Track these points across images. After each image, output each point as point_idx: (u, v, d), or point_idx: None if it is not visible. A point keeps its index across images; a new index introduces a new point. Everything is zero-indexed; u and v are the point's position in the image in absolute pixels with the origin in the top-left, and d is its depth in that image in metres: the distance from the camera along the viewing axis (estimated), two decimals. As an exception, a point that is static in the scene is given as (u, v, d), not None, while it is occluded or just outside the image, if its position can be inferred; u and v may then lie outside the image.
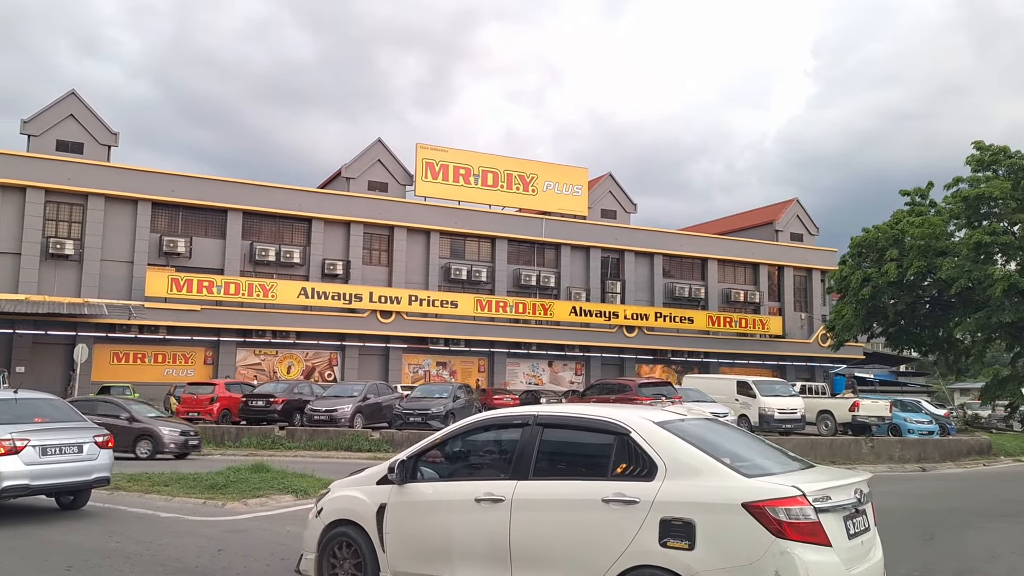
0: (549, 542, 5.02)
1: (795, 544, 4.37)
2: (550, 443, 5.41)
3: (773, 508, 4.42)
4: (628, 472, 4.94)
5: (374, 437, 20.73)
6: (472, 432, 5.96)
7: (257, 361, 39.03)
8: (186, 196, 37.52)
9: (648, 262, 47.97)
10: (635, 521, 4.70)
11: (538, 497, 5.14)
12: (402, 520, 5.74)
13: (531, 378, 44.42)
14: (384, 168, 42.62)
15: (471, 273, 42.69)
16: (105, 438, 10.76)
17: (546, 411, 5.73)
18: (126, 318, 34.87)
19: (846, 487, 4.91)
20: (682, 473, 4.75)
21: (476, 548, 5.34)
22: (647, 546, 4.64)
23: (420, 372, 42.05)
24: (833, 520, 4.63)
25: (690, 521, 4.55)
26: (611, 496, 4.81)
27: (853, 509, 4.87)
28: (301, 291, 38.28)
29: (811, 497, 4.51)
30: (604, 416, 5.31)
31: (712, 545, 4.48)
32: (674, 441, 4.93)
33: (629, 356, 46.03)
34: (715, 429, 5.63)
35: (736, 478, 4.66)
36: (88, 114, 37.31)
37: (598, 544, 4.81)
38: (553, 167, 46.43)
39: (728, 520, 4.48)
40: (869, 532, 5.08)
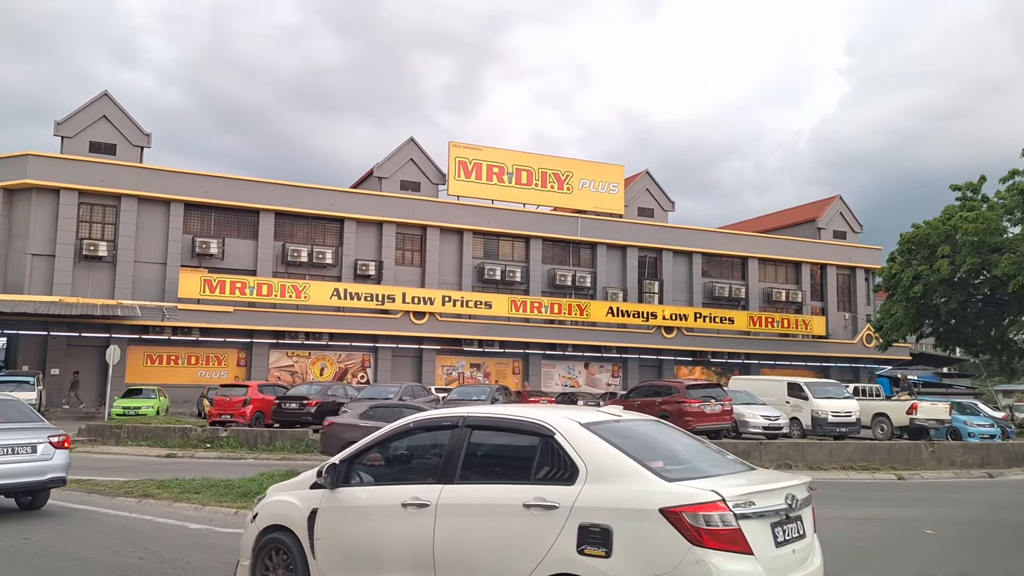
0: (472, 548, 4.84)
1: (712, 552, 4.14)
2: (477, 446, 5.21)
3: (691, 514, 4.19)
4: (550, 476, 4.73)
5: (410, 441, 19.94)
6: (404, 435, 5.69)
7: (290, 363, 38.61)
8: (218, 197, 37.22)
9: (687, 261, 46.81)
10: (555, 527, 4.49)
11: (462, 502, 4.94)
12: (332, 526, 5.52)
13: (567, 380, 43.51)
14: (417, 167, 42.00)
15: (505, 273, 41.89)
16: (61, 438, 10.52)
17: (475, 412, 5.50)
18: (159, 320, 34.66)
19: (775, 492, 4.60)
20: (603, 477, 4.52)
21: (402, 555, 5.15)
22: (565, 553, 4.42)
23: (454, 374, 41.34)
24: (758, 527, 4.38)
25: (608, 528, 4.34)
26: (532, 501, 4.61)
27: (784, 516, 4.57)
28: (334, 292, 37.78)
29: (731, 502, 4.26)
30: (530, 417, 5.08)
31: (629, 552, 4.27)
32: (597, 444, 4.68)
33: (667, 358, 44.90)
34: (652, 431, 5.37)
35: (657, 482, 4.41)
36: (121, 115, 37.17)
37: (519, 551, 4.60)
38: (588, 165, 45.48)
39: (646, 527, 4.26)
40: (804, 540, 4.75)
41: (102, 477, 14.28)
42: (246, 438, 21.24)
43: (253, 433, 21.55)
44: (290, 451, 20.22)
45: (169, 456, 19.78)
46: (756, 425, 22.38)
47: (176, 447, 20.99)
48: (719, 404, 21.07)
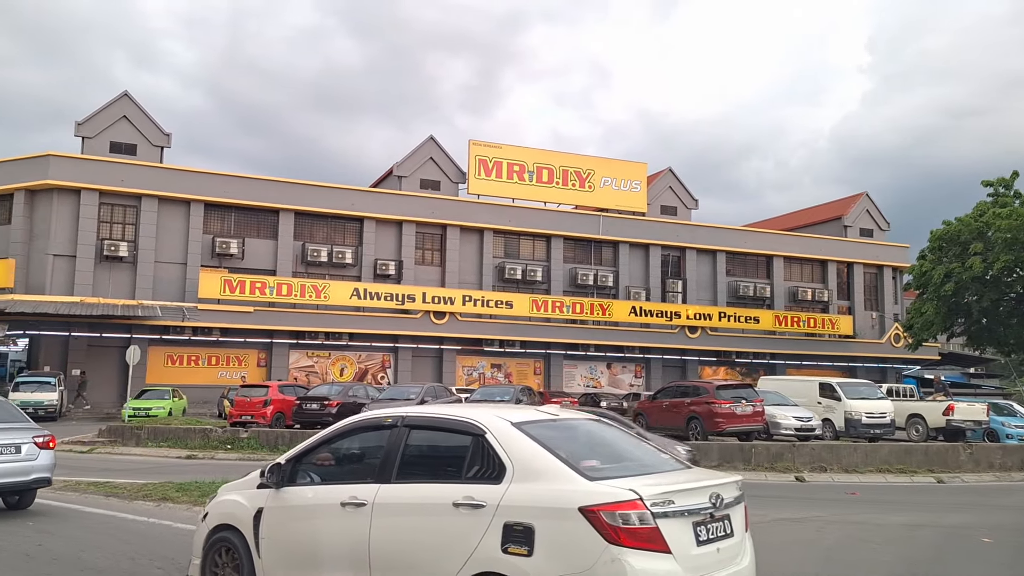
0: (404, 547, 4.87)
1: (628, 551, 4.13)
2: (414, 445, 5.23)
3: (608, 513, 4.18)
4: (479, 475, 4.74)
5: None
6: (347, 434, 5.73)
7: (310, 363, 38.36)
8: (238, 197, 37.05)
9: (711, 260, 46.12)
10: (481, 526, 4.50)
11: (396, 501, 4.98)
12: (276, 525, 5.56)
13: (589, 380, 42.96)
14: (436, 166, 41.64)
15: (526, 272, 41.42)
16: (46, 439, 10.49)
17: (413, 412, 5.57)
18: (179, 320, 34.53)
19: (698, 491, 4.58)
20: (528, 476, 4.54)
21: (340, 554, 5.16)
22: (490, 552, 4.43)
23: (474, 374, 40.92)
24: (678, 526, 4.37)
25: (530, 526, 4.34)
26: (461, 500, 4.64)
27: (707, 514, 4.54)
28: (354, 292, 37.50)
29: (649, 501, 4.24)
30: (463, 417, 5.12)
31: (549, 551, 4.27)
32: (525, 442, 4.70)
33: (691, 358, 44.25)
34: (591, 430, 5.37)
35: (579, 481, 4.40)
36: (141, 115, 37.11)
37: (448, 549, 4.61)
38: (610, 162, 44.89)
39: (565, 525, 4.26)
40: (731, 539, 4.73)
41: (120, 479, 13.98)
42: (267, 439, 20.91)
43: (274, 434, 21.23)
44: (311, 452, 19.83)
45: (189, 457, 19.49)
46: (788, 427, 21.75)
47: (196, 448, 20.69)
48: (750, 405, 20.47)
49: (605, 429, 5.49)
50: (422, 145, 41.71)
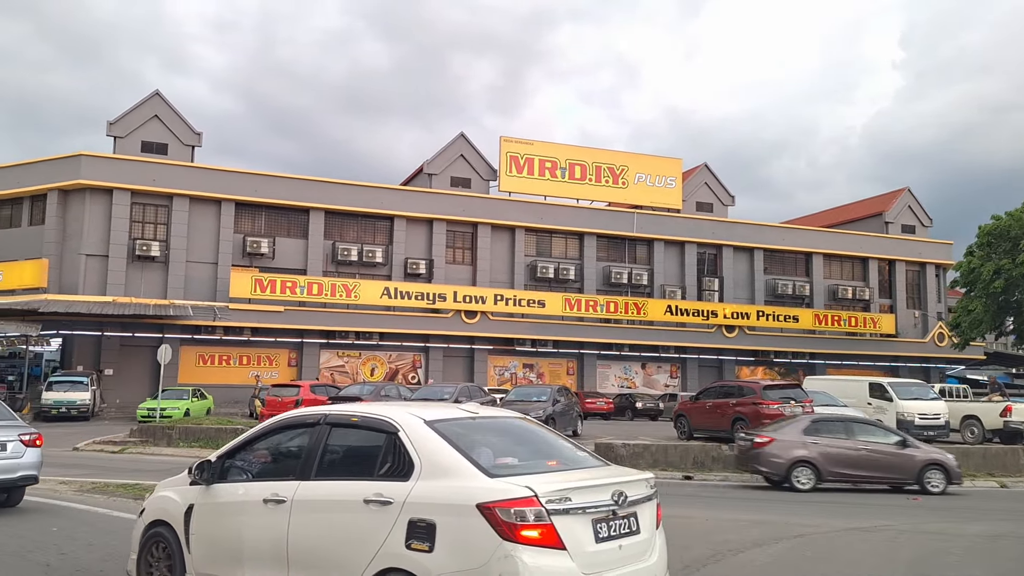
0: (319, 543, 4.92)
1: (521, 547, 4.19)
2: (334, 443, 5.31)
3: (503, 509, 4.24)
4: (390, 472, 4.81)
5: (469, 444, 18.95)
6: (275, 432, 5.79)
7: (340, 363, 38.01)
8: (269, 196, 36.82)
9: (748, 258, 45.06)
10: (388, 522, 4.57)
11: (313, 498, 5.05)
12: (205, 521, 5.63)
13: (623, 381, 42.14)
14: (467, 163, 41.10)
15: (558, 271, 40.71)
16: (32, 436, 10.50)
17: (335, 410, 5.61)
18: (211, 319, 34.35)
19: (599, 488, 4.62)
20: (434, 473, 4.61)
21: (262, 550, 5.21)
22: (395, 548, 4.50)
23: (506, 374, 40.31)
24: (576, 522, 4.40)
25: (432, 523, 4.41)
26: (372, 496, 4.70)
27: (609, 512, 4.57)
28: (384, 291, 37.06)
29: (544, 498, 4.29)
30: (379, 415, 5.19)
31: (449, 547, 4.34)
32: (434, 440, 4.77)
33: (728, 358, 43.24)
34: (509, 429, 5.45)
35: (480, 478, 4.46)
36: (172, 115, 37.02)
37: (358, 545, 4.68)
38: (644, 158, 44.02)
39: (464, 522, 4.32)
40: (637, 536, 4.77)
41: (150, 481, 13.50)
42: (298, 440, 20.43)
43: (305, 435, 20.75)
44: (343, 454, 19.32)
45: (220, 458, 19.06)
46: (837, 429, 20.78)
47: (227, 449, 20.25)
48: (799, 406, 19.60)
49: (526, 427, 5.54)
50: (452, 142, 41.18)
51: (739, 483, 15.95)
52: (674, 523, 9.97)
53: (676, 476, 16.50)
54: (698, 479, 16.40)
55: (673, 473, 16.65)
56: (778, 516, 11.29)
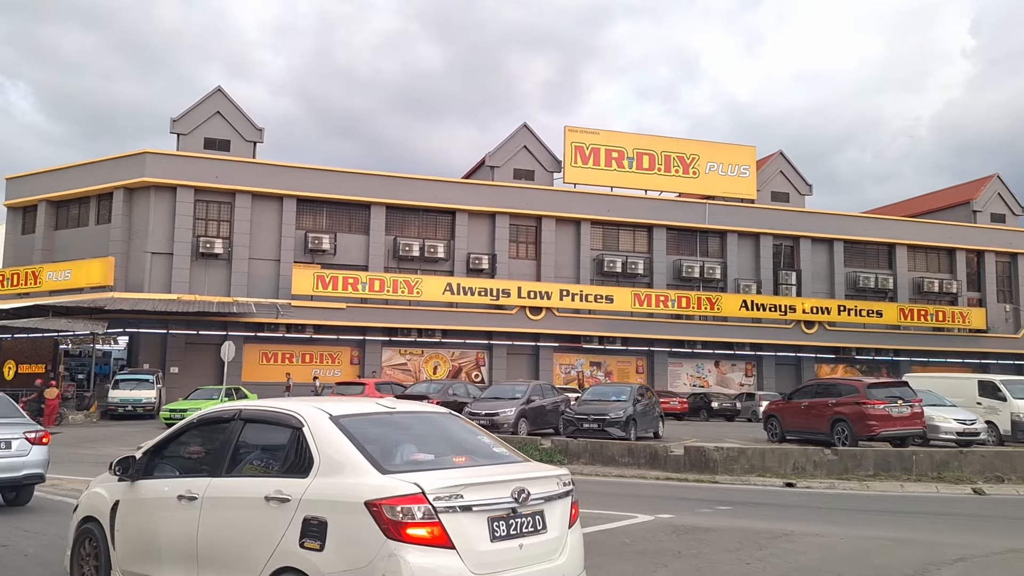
0: (224, 540, 4.85)
1: (405, 546, 4.04)
2: (246, 439, 5.24)
3: (389, 507, 4.10)
4: (291, 468, 4.69)
5: (544, 446, 17.62)
6: (195, 428, 5.74)
7: (403, 361, 37.20)
8: (330, 191, 36.26)
9: (827, 250, 42.87)
10: (285, 520, 4.44)
11: (221, 495, 4.97)
12: (128, 518, 5.62)
13: (695, 380, 40.40)
14: (530, 155, 39.87)
15: (626, 265, 39.19)
16: (38, 435, 10.46)
17: (249, 406, 5.54)
18: (274, 317, 33.93)
19: (498, 485, 4.42)
20: (331, 470, 4.47)
21: (176, 546, 5.17)
22: (290, 546, 4.36)
23: (572, 372, 38.98)
24: (468, 521, 4.24)
25: (324, 521, 4.27)
26: (272, 494, 4.57)
27: (508, 510, 4.39)
28: (446, 287, 36.10)
29: (433, 495, 4.14)
30: (288, 410, 5.05)
31: (338, 546, 4.20)
32: (334, 436, 4.62)
33: (807, 355, 41.14)
34: (423, 424, 5.31)
35: (372, 475, 4.30)
36: (234, 111, 36.76)
37: (258, 542, 4.56)
38: (716, 146, 42.18)
39: (353, 519, 4.18)
40: (543, 535, 4.57)
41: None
42: (364, 440, 19.49)
43: (371, 435, 19.78)
44: (411, 455, 18.26)
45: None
46: (948, 430, 18.94)
47: (291, 449, 19.46)
48: (907, 406, 17.82)
49: (446, 423, 5.39)
50: (515, 133, 40.00)
51: (847, 491, 14.37)
52: (806, 543, 8.57)
53: (776, 483, 14.95)
54: (801, 486, 14.82)
55: (772, 480, 15.11)
56: (916, 533, 9.75)
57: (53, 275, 34.38)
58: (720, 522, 10.00)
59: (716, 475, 15.40)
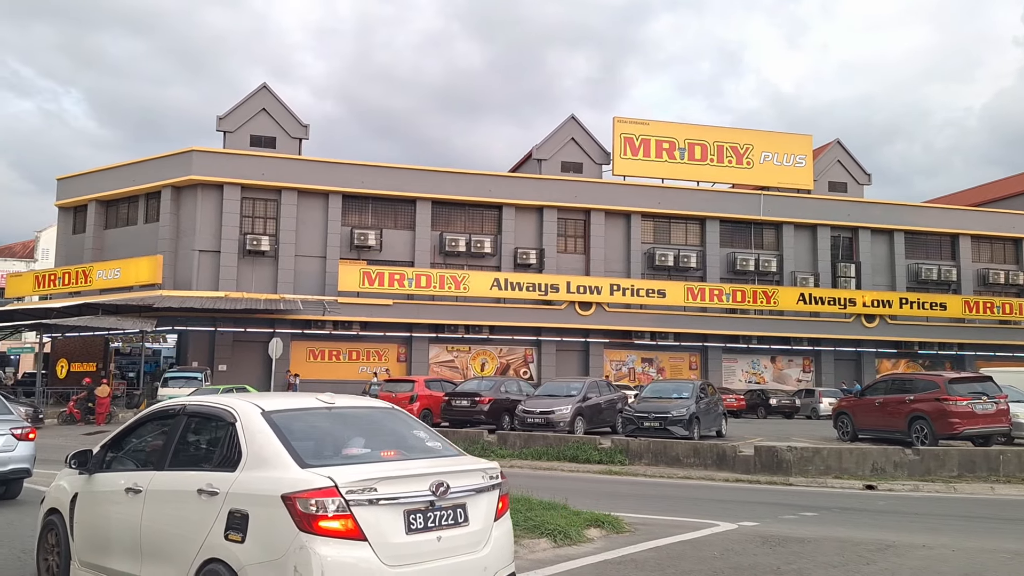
0: (162, 533, 4.97)
1: (316, 538, 4.12)
2: (187, 433, 5.35)
3: (302, 500, 4.17)
4: (223, 462, 4.78)
5: (604, 445, 16.84)
6: (146, 423, 5.85)
7: (450, 358, 36.67)
8: (375, 187, 35.89)
9: (887, 241, 41.29)
10: (213, 513, 4.54)
11: (161, 488, 5.09)
12: (85, 510, 5.73)
13: (751, 376, 39.16)
14: (578, 147, 38.99)
15: (678, 259, 38.11)
16: (24, 430, 10.67)
17: (192, 400, 5.64)
18: (320, 313, 33.66)
19: (416, 478, 4.49)
20: (256, 464, 4.55)
21: (123, 539, 5.26)
22: (216, 539, 4.48)
23: (623, 369, 38.08)
24: (383, 513, 4.31)
25: (246, 513, 4.38)
26: (204, 487, 4.68)
27: (426, 503, 4.45)
28: (494, 282, 35.42)
29: (345, 488, 4.21)
30: (224, 405, 5.15)
31: (257, 538, 4.30)
32: (263, 430, 4.68)
33: (868, 349, 39.66)
34: (360, 420, 5.34)
35: (291, 469, 4.38)
36: (279, 107, 36.60)
37: (190, 535, 4.66)
38: (771, 136, 40.84)
39: (271, 512, 4.26)
40: (464, 528, 4.64)
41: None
42: (415, 439, 18.88)
43: (422, 433, 19.16)
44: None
45: (334, 458, 17.74)
46: (1036, 429, 17.68)
47: (341, 448, 18.98)
48: (992, 402, 16.67)
49: (385, 418, 5.46)
50: (563, 125, 39.16)
51: (933, 493, 13.34)
52: (916, 558, 7.61)
53: (854, 486, 13.95)
54: (882, 489, 13.81)
55: (850, 482, 14.11)
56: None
57: (103, 274, 34.60)
58: (811, 531, 9.13)
59: (790, 477, 14.48)
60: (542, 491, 10.18)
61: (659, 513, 10.23)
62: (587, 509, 9.32)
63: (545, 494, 9.87)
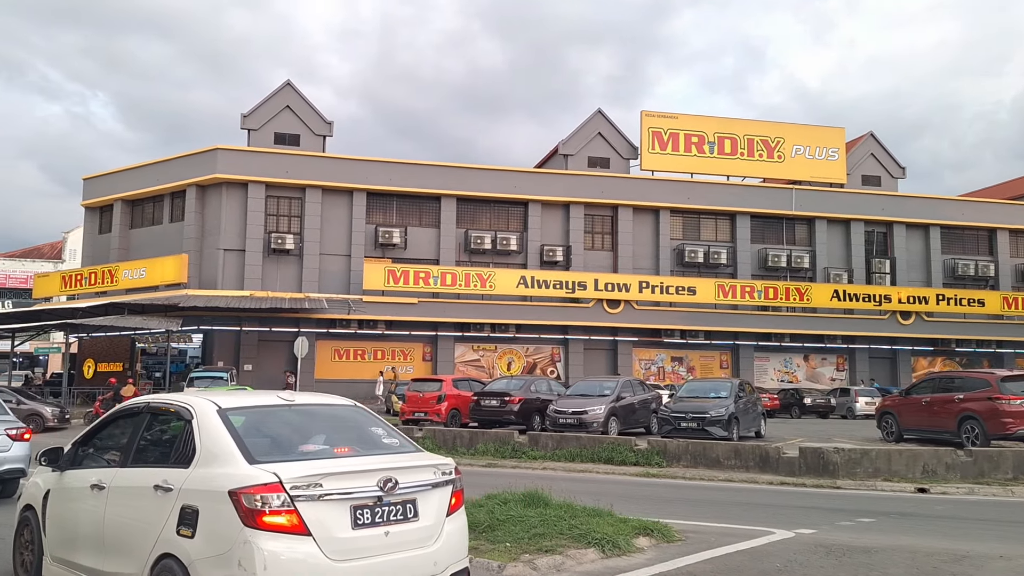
0: (121, 527, 5.04)
1: (260, 533, 4.18)
2: (150, 430, 5.41)
3: (247, 496, 4.24)
4: (179, 458, 4.85)
5: (640, 447, 16.25)
6: (114, 420, 5.92)
7: (475, 357, 36.23)
8: (400, 184, 35.52)
9: (922, 236, 40.27)
10: (168, 508, 4.61)
11: (123, 485, 5.16)
12: (56, 507, 5.82)
13: (783, 375, 38.33)
14: (605, 142, 38.37)
15: (708, 255, 37.39)
16: (20, 431, 10.78)
17: (155, 399, 5.68)
18: (345, 312, 33.36)
19: (363, 474, 4.55)
20: (208, 460, 4.61)
21: (89, 534, 5.34)
22: (169, 534, 4.55)
23: (652, 368, 37.40)
24: (328, 509, 4.37)
25: (196, 509, 4.45)
26: (160, 483, 4.75)
27: (374, 498, 4.51)
28: (520, 280, 34.91)
29: (289, 484, 4.27)
30: (183, 402, 5.21)
31: (206, 533, 4.37)
32: (216, 427, 4.74)
33: (903, 347, 38.69)
34: (320, 416, 5.44)
35: (240, 465, 4.43)
36: (303, 105, 36.34)
37: (147, 530, 4.73)
38: (803, 129, 39.95)
39: (219, 508, 4.33)
40: (413, 523, 4.69)
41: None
42: (443, 439, 18.47)
43: (451, 434, 18.76)
44: (494, 455, 17.16)
45: (362, 459, 17.32)
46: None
47: (368, 449, 18.57)
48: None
49: (343, 415, 5.50)
50: (589, 120, 38.55)
51: (990, 497, 12.67)
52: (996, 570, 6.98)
53: (906, 489, 13.29)
54: (935, 492, 13.15)
55: (901, 485, 13.44)
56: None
57: (129, 273, 34.57)
58: (874, 539, 8.53)
59: (836, 479, 13.84)
60: (580, 495, 9.66)
61: (708, 519, 9.67)
62: (632, 515, 8.80)
63: (585, 499, 9.36)
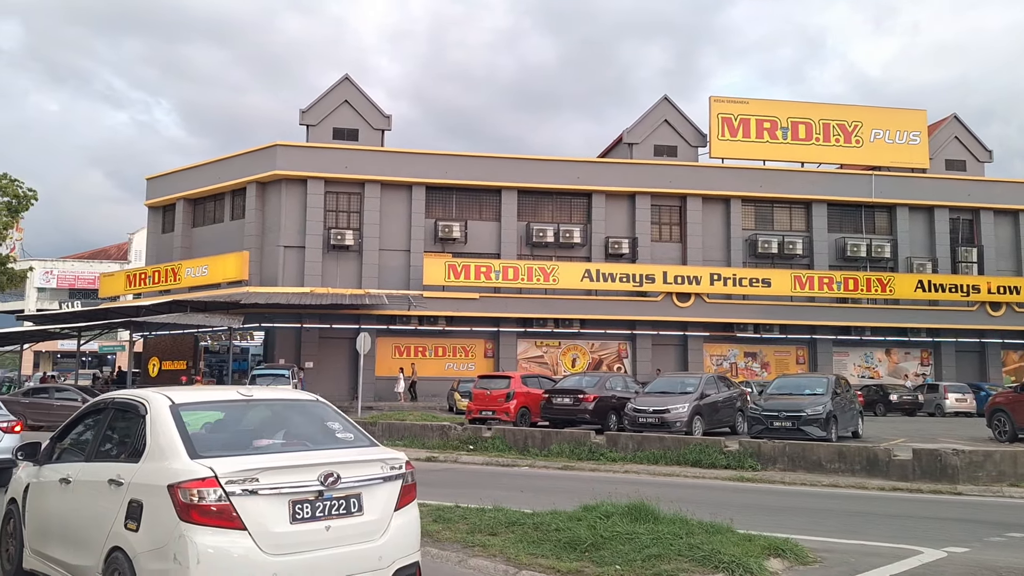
0: (81, 521, 5.13)
1: (195, 527, 4.21)
2: (111, 425, 5.49)
3: (184, 490, 4.28)
4: (131, 453, 4.92)
5: (730, 448, 14.99)
6: (86, 416, 5.99)
7: (539, 353, 35.20)
8: (459, 177, 34.76)
9: (1011, 222, 38.04)
10: (118, 502, 4.67)
11: (83, 478, 5.26)
12: (34, 500, 5.94)
13: (863, 370, 36.38)
14: (672, 129, 36.92)
15: (783, 245, 35.66)
16: (10, 423, 10.95)
17: (119, 395, 5.74)
18: (406, 308, 32.70)
19: (303, 468, 4.54)
20: (155, 455, 4.66)
21: (58, 526, 5.46)
22: (118, 527, 4.62)
23: (724, 364, 35.85)
24: (265, 503, 4.36)
25: (141, 503, 4.51)
26: (114, 477, 4.83)
27: (314, 493, 4.51)
28: (584, 274, 33.77)
29: (225, 479, 4.28)
30: (139, 397, 5.25)
31: (148, 527, 4.43)
32: (166, 422, 4.77)
33: (992, 340, 36.52)
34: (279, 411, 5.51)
35: (182, 460, 4.47)
36: (361, 99, 35.84)
37: (100, 524, 4.80)
38: (881, 111, 37.86)
39: (159, 502, 4.37)
40: (357, 518, 4.68)
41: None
42: (514, 439, 17.47)
43: (522, 434, 17.73)
44: (570, 457, 16.06)
45: (429, 460, 16.48)
46: None
47: (435, 448, 17.78)
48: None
49: (303, 410, 5.53)
50: (655, 107, 37.16)
51: None
52: None
53: (1042, 496, 11.81)
54: (1078, 501, 11.65)
55: (1035, 491, 11.98)
56: None
57: (191, 271, 34.56)
58: (1045, 561, 7.21)
59: (957, 484, 12.43)
60: (677, 504, 8.47)
61: (834, 534, 8.45)
62: (743, 528, 7.65)
63: (683, 508, 8.20)
